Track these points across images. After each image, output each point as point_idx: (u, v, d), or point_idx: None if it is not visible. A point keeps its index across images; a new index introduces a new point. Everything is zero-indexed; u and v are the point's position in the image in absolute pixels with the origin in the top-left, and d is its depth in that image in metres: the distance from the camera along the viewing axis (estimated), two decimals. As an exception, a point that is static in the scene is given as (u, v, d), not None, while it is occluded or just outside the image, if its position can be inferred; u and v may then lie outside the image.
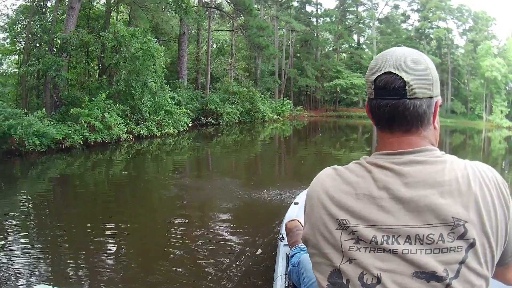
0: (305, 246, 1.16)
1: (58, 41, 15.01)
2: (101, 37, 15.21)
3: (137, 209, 6.91)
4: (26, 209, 6.77)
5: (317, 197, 1.08)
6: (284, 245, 3.16)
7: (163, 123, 17.82)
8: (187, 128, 20.06)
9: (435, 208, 0.94)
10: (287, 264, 2.78)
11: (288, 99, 38.66)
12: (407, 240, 0.95)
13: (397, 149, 1.04)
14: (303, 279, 2.13)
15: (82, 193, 8.32)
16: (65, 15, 16.31)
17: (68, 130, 13.07)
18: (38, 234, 5.37)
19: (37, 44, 16.14)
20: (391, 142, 1.05)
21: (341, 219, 1.01)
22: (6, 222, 5.77)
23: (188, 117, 20.46)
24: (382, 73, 1.02)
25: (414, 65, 1.01)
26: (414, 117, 1.01)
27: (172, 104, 19.15)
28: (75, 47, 14.98)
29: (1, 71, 20.27)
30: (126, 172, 10.59)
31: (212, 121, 24.81)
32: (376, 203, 0.99)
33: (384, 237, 0.96)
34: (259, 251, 4.61)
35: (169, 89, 19.98)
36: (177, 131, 18.70)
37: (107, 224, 5.80)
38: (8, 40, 19.46)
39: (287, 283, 2.62)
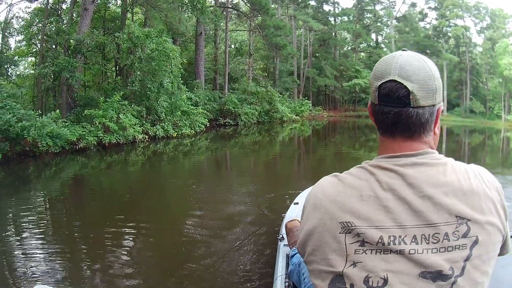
0: None
1: (72, 42, 14.76)
2: (116, 38, 14.93)
3: (150, 210, 6.67)
4: (37, 209, 6.63)
5: (318, 203, 1.06)
6: (284, 245, 3.15)
7: (179, 124, 17.44)
8: (204, 129, 19.66)
9: (439, 208, 0.95)
10: (287, 264, 2.76)
11: (307, 99, 37.95)
12: (413, 240, 0.94)
13: (399, 152, 1.03)
14: (304, 279, 2.13)
15: (94, 194, 8.12)
16: (79, 17, 16.09)
17: (82, 131, 12.82)
18: (50, 234, 5.35)
19: (52, 46, 15.93)
20: (393, 147, 1.05)
21: (345, 222, 0.99)
22: (17, 223, 5.77)
23: (205, 118, 20.01)
24: (387, 81, 1.01)
25: (418, 74, 1.00)
26: (417, 125, 1.02)
27: (189, 104, 18.74)
28: (89, 48, 14.75)
29: (18, 72, 20.31)
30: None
31: (230, 122, 24.32)
32: (382, 204, 0.97)
33: (391, 238, 0.95)
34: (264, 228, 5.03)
35: (186, 89, 19.61)
36: (193, 131, 18.29)
37: (119, 226, 5.66)
38: (24, 43, 19.46)
39: (287, 283, 2.60)
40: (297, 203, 4.25)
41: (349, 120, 37.95)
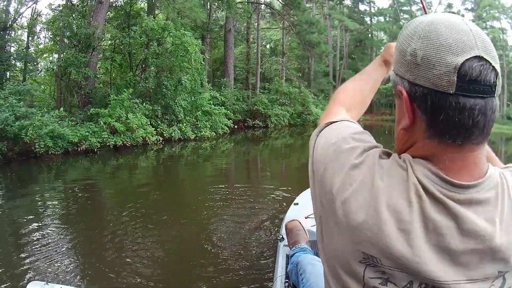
0: (305, 246, 1.07)
1: (81, 36, 13.25)
2: (133, 32, 13.36)
3: (159, 219, 5.79)
4: (30, 212, 6.01)
5: (332, 197, 0.78)
6: (284, 245, 3.02)
7: (199, 125, 15.55)
8: (229, 131, 17.71)
9: (485, 262, 0.71)
10: (287, 264, 2.63)
11: (342, 102, 35.72)
12: None
13: (459, 170, 0.71)
14: (301, 280, 2.02)
15: (88, 201, 7.06)
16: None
17: (85, 132, 11.26)
18: (46, 235, 4.94)
19: (65, 41, 14.56)
20: (453, 159, 0.71)
21: (370, 255, 0.72)
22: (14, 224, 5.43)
23: (229, 119, 17.97)
24: (472, 57, 0.66)
25: (494, 50, 0.70)
26: (493, 123, 0.71)
27: (211, 104, 16.81)
28: (105, 44, 13.29)
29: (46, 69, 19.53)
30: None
31: (259, 123, 22.21)
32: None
33: (422, 286, 0.71)
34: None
35: (211, 88, 17.83)
36: (214, 134, 16.25)
37: (122, 231, 5.11)
38: (47, 39, 18.64)
39: (287, 283, 2.47)
40: (297, 203, 4.03)
41: (385, 125, 35.60)
